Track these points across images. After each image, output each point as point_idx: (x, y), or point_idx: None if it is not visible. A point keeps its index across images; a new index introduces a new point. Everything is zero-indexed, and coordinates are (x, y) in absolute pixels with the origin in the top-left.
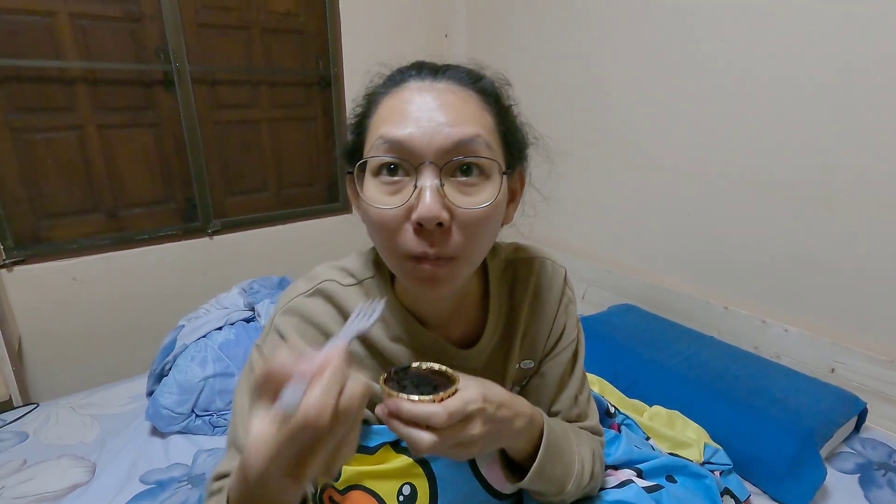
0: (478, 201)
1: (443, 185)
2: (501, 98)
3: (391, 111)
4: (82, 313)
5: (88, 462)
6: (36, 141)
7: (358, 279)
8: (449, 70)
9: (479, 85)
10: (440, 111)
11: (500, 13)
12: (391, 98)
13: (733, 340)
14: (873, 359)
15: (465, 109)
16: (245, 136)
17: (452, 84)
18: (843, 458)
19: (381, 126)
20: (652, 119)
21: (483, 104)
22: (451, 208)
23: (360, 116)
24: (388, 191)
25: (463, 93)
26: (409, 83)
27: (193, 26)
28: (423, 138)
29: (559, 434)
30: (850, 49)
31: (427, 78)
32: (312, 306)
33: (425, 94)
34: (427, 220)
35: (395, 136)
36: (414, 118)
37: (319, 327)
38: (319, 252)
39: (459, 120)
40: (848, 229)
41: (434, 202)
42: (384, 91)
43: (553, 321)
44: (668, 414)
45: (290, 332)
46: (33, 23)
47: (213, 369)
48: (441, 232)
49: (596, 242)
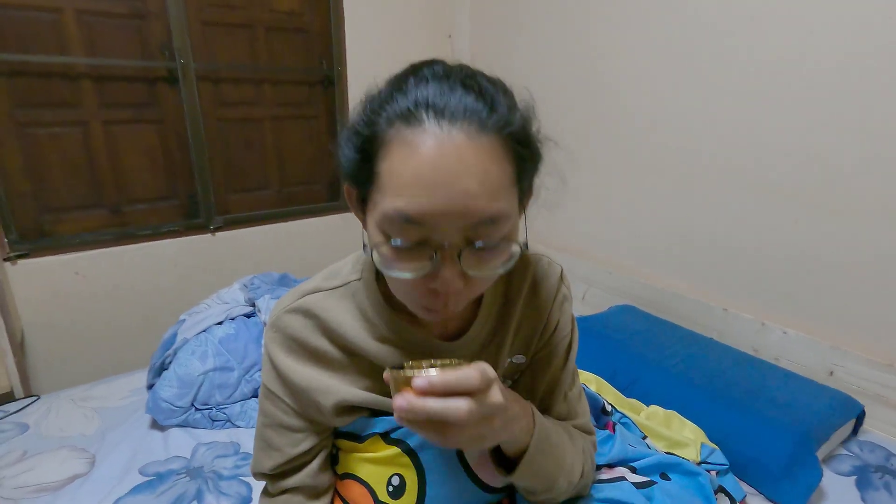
0: (494, 266)
1: (461, 256)
2: (527, 138)
3: (405, 171)
4: (84, 307)
5: (88, 453)
6: (41, 136)
7: (344, 281)
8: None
9: (506, 130)
10: (462, 181)
11: (504, 14)
12: (404, 147)
13: (732, 342)
14: (872, 362)
15: (488, 174)
16: (248, 134)
17: (475, 131)
18: (840, 461)
19: (396, 191)
20: (654, 121)
21: (506, 150)
22: (468, 276)
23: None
24: (402, 256)
25: (486, 144)
26: (425, 125)
27: (198, 24)
28: (445, 217)
29: (550, 427)
30: (851, 51)
31: (445, 118)
32: (292, 322)
33: (444, 154)
34: (445, 291)
35: (412, 215)
36: (432, 190)
37: (300, 342)
38: (320, 250)
39: (483, 194)
40: (848, 232)
41: (453, 278)
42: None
43: (547, 317)
44: (665, 413)
45: (275, 348)
46: (40, 19)
47: (212, 363)
48: (455, 293)
49: (596, 244)
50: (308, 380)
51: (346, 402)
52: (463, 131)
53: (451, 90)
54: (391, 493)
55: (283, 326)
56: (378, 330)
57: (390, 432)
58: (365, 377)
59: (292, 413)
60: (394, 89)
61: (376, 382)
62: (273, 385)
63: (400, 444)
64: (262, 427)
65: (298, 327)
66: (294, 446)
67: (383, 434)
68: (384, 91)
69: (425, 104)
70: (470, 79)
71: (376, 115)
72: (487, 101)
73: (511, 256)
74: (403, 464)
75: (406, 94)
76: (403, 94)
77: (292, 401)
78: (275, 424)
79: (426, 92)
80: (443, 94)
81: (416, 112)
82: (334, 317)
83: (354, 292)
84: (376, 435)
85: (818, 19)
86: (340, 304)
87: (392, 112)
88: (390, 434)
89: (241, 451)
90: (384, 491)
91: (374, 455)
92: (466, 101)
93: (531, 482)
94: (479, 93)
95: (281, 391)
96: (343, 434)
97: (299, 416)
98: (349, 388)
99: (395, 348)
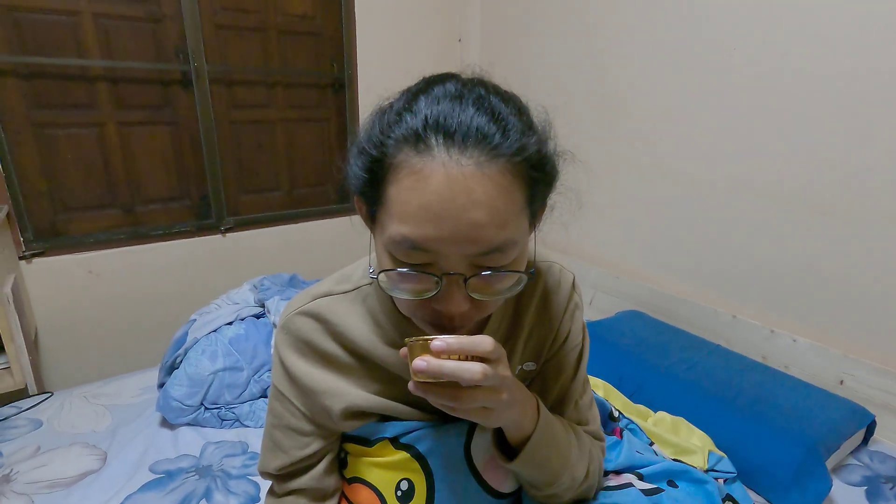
0: (500, 289)
1: (467, 281)
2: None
3: (413, 198)
4: (97, 306)
5: (100, 450)
6: (57, 136)
7: (355, 285)
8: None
9: (518, 158)
10: (469, 212)
11: (514, 18)
12: (412, 174)
13: (741, 350)
14: (883, 371)
15: (496, 204)
16: (260, 136)
17: (485, 159)
18: (850, 471)
19: (403, 218)
20: (663, 127)
21: (516, 177)
22: (473, 300)
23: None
24: (408, 279)
25: (496, 174)
26: (434, 153)
27: (212, 27)
28: (451, 246)
29: (555, 421)
30: (861, 58)
31: (455, 145)
32: (302, 324)
33: (452, 183)
34: (450, 314)
35: (418, 243)
36: (439, 220)
37: (308, 344)
38: (329, 251)
39: (490, 224)
40: (859, 240)
41: (459, 301)
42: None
43: (559, 325)
44: (672, 420)
45: (285, 350)
46: (58, 22)
47: (222, 363)
48: (461, 314)
49: (604, 249)
50: (317, 382)
51: (356, 407)
52: (472, 159)
53: (462, 112)
54: (400, 497)
55: (293, 329)
56: (388, 334)
57: (399, 437)
58: (374, 381)
59: (300, 416)
60: (404, 108)
61: (386, 387)
62: (283, 386)
63: (409, 450)
64: (270, 427)
65: (308, 330)
66: (301, 449)
67: (392, 439)
68: (395, 108)
69: (435, 127)
70: (483, 99)
71: (385, 137)
72: (500, 125)
73: (518, 281)
74: (412, 469)
75: (416, 115)
76: (413, 115)
77: (301, 403)
78: (283, 426)
79: (436, 113)
80: (454, 116)
81: (426, 138)
82: (344, 321)
83: (365, 297)
84: (385, 440)
85: (829, 29)
86: (351, 308)
87: (401, 134)
88: (399, 439)
89: (250, 450)
90: (393, 495)
91: (383, 459)
92: (478, 123)
93: (534, 473)
94: (492, 115)
95: (290, 393)
96: (352, 438)
97: (308, 420)
98: (358, 392)
99: None
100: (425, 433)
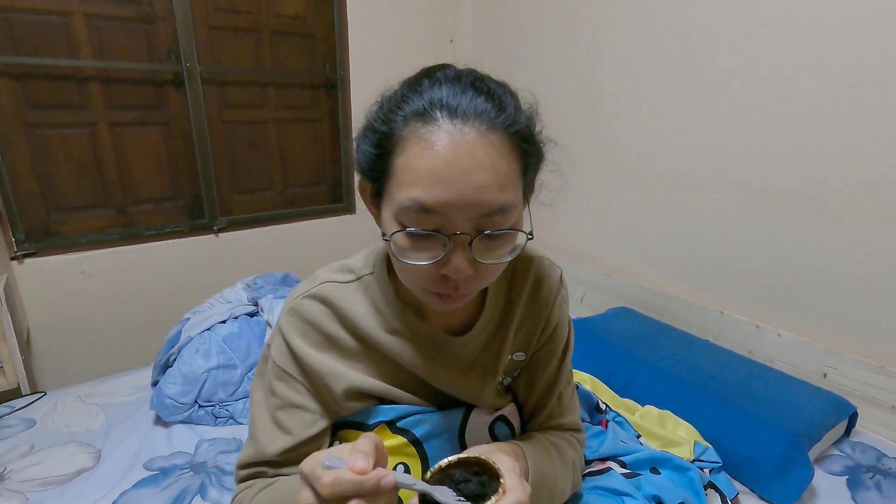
0: (502, 254)
1: (471, 244)
2: (532, 136)
3: (421, 164)
4: (89, 306)
5: (94, 448)
6: (49, 137)
7: (357, 275)
8: (480, 99)
9: (514, 129)
10: (474, 174)
11: (506, 19)
12: (420, 143)
13: (728, 345)
14: (865, 364)
15: (497, 168)
16: (252, 136)
17: (486, 129)
18: (832, 461)
19: (412, 183)
20: (651, 126)
21: (513, 147)
22: (477, 263)
23: (382, 142)
24: (416, 244)
25: (496, 142)
26: (439, 122)
27: (204, 28)
28: (458, 208)
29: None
30: (847, 58)
31: (458, 116)
32: (309, 307)
33: (457, 148)
34: (456, 277)
35: (427, 204)
36: (446, 181)
37: (316, 326)
38: (322, 251)
39: (493, 186)
40: (842, 237)
41: (463, 263)
42: (407, 124)
43: (547, 316)
44: (659, 413)
45: (291, 332)
46: (50, 22)
47: (216, 361)
48: (465, 278)
49: (594, 246)
50: (321, 363)
51: (357, 388)
52: (474, 129)
53: (462, 92)
54: None
55: (300, 311)
56: (389, 322)
57: (396, 421)
58: (375, 366)
59: (306, 392)
60: (409, 90)
61: (386, 371)
62: (288, 366)
63: (406, 434)
64: (272, 410)
65: (316, 313)
66: (307, 427)
67: (389, 423)
68: (399, 91)
69: (440, 104)
70: (479, 81)
71: (393, 114)
72: (496, 103)
73: (516, 246)
74: (409, 453)
75: (421, 95)
76: (419, 95)
77: (306, 380)
78: (287, 405)
79: (440, 93)
80: (455, 95)
81: (431, 111)
82: (349, 306)
83: (367, 286)
84: (383, 423)
85: (816, 28)
86: (354, 296)
87: (408, 111)
88: (396, 423)
89: None
90: None
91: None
92: (477, 101)
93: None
94: (488, 94)
95: (296, 371)
96: (349, 424)
97: (313, 398)
98: (359, 375)
99: (405, 340)
100: (422, 418)
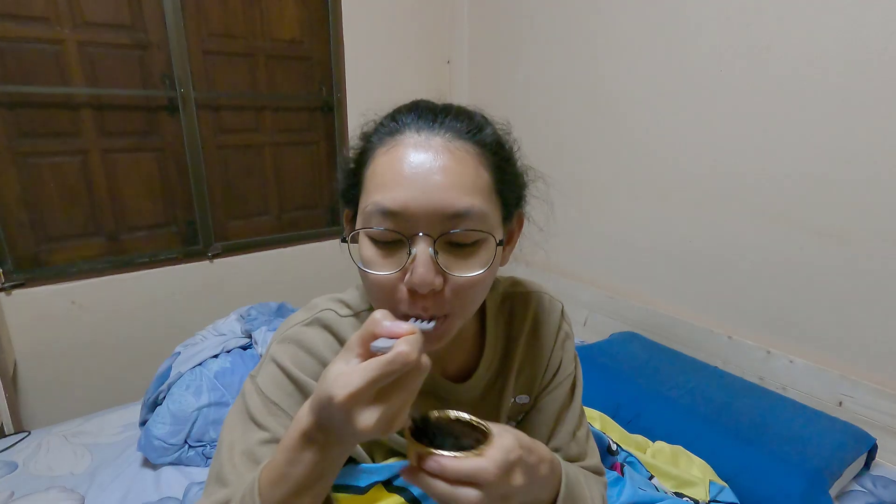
0: (471, 267)
1: (436, 252)
2: (502, 150)
3: (386, 171)
4: (80, 337)
5: (77, 495)
6: (40, 165)
7: (354, 311)
8: (448, 118)
9: (479, 138)
10: (436, 175)
11: (503, 40)
12: (387, 153)
13: (738, 371)
14: (882, 392)
15: (462, 172)
16: (248, 160)
17: (451, 137)
18: (853, 497)
19: (376, 189)
20: (656, 146)
21: (481, 158)
22: (445, 274)
23: (356, 163)
24: (382, 253)
25: (461, 149)
26: (406, 134)
27: (199, 53)
28: (418, 209)
29: (574, 480)
30: (857, 74)
31: (424, 129)
32: (310, 335)
33: (421, 152)
34: (420, 287)
35: (388, 207)
36: (408, 183)
37: (316, 356)
38: (319, 275)
39: (455, 187)
40: (855, 259)
41: (427, 271)
42: (379, 140)
43: (549, 356)
44: (671, 450)
45: (287, 361)
46: (42, 50)
47: (207, 399)
48: (434, 295)
49: (598, 268)
50: None
51: None
52: (440, 137)
53: (431, 111)
54: None
55: (299, 339)
56: None
57: (392, 480)
58: None
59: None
60: (383, 118)
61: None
62: (279, 398)
63: (403, 493)
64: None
65: (318, 341)
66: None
67: (385, 482)
68: (374, 121)
69: (408, 121)
70: (449, 106)
71: (367, 137)
72: (463, 119)
73: (488, 260)
74: None
75: (392, 118)
76: (390, 118)
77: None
78: (274, 441)
79: (410, 115)
80: (424, 115)
81: (400, 128)
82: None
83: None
84: (378, 484)
85: (820, 42)
86: (351, 331)
87: (380, 132)
88: (392, 482)
89: None
90: None
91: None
92: (444, 118)
93: None
94: (455, 113)
95: (287, 404)
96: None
97: None
98: None
99: None
100: None
